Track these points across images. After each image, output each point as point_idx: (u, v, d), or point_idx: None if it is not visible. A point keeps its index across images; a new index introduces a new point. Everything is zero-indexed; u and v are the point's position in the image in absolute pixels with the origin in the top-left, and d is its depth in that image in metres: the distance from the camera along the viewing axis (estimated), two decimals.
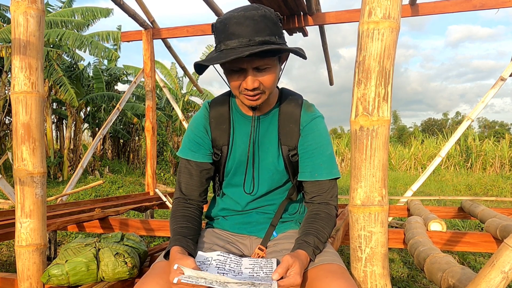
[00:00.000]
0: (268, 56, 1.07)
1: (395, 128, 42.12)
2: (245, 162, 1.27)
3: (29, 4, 1.40)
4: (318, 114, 1.26)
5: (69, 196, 5.39)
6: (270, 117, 1.26)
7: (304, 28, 4.14)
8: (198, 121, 1.29)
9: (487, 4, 3.55)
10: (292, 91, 1.31)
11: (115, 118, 4.70)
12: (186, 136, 1.30)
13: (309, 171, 1.23)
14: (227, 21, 1.05)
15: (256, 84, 1.09)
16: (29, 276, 1.44)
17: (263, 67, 1.08)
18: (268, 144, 1.26)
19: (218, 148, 1.28)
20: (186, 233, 1.17)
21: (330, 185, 1.22)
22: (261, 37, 1.04)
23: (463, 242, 2.19)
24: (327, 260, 1.09)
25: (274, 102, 1.26)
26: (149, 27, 4.40)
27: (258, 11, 1.05)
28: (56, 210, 3.01)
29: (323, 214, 1.19)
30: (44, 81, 1.49)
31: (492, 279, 0.85)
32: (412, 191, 3.99)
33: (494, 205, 6.39)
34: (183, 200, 1.27)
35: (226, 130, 1.27)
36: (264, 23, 1.05)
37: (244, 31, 1.03)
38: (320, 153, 1.22)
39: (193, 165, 1.27)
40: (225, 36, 1.06)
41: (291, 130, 1.24)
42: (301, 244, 1.11)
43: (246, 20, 1.04)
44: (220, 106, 1.28)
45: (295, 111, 1.25)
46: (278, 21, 1.09)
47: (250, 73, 1.08)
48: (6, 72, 9.73)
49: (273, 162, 1.26)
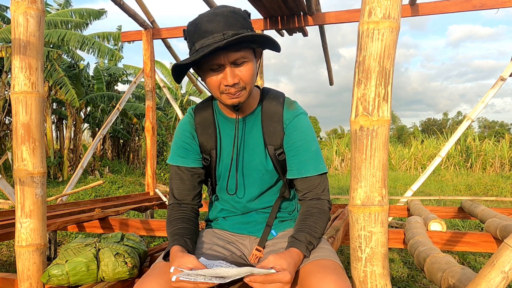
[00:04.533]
0: (244, 47, 1.08)
1: (395, 128, 42.14)
2: (230, 165, 1.27)
3: (29, 4, 1.40)
4: (301, 110, 1.26)
5: (69, 196, 5.39)
6: (253, 118, 1.26)
7: (304, 28, 4.14)
8: (184, 127, 1.29)
9: (487, 4, 3.55)
10: (273, 90, 1.30)
11: (115, 118, 4.70)
12: (174, 143, 1.30)
13: (296, 168, 1.23)
14: (199, 21, 1.08)
15: (236, 80, 1.09)
16: (29, 276, 1.44)
17: (241, 61, 1.09)
18: (254, 145, 1.26)
19: (207, 152, 1.28)
20: (184, 233, 1.17)
21: (320, 180, 1.23)
22: (234, 30, 1.06)
23: (463, 242, 2.19)
24: (321, 256, 1.10)
25: (256, 102, 1.26)
26: (149, 27, 4.40)
27: (227, 8, 1.08)
28: (56, 210, 3.01)
29: (315, 210, 1.20)
30: (44, 81, 1.49)
31: (492, 279, 0.85)
32: (412, 191, 3.98)
33: (494, 205, 6.38)
34: (177, 205, 1.27)
35: (212, 135, 1.27)
36: (235, 18, 1.07)
37: (216, 27, 1.05)
38: (306, 150, 1.22)
39: (183, 171, 1.26)
40: (198, 35, 1.07)
41: (275, 129, 1.24)
42: (293, 242, 1.11)
43: (217, 17, 1.06)
44: (204, 111, 1.28)
45: (277, 110, 1.24)
46: (247, 16, 1.12)
47: (228, 68, 1.09)
48: (6, 72, 9.73)
49: (261, 163, 1.26)
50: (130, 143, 15.19)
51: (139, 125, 14.08)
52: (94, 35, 10.78)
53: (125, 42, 4.63)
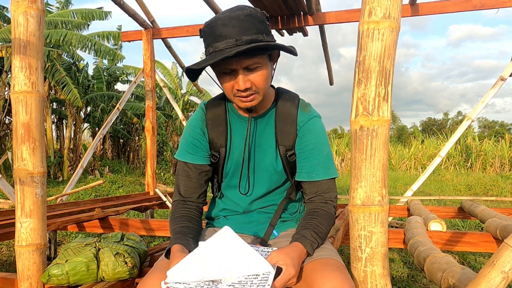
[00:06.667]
0: (257, 54, 1.07)
1: (395, 128, 42.14)
2: (241, 164, 1.27)
3: (29, 4, 1.40)
4: (315, 114, 1.26)
5: (69, 196, 5.39)
6: (267, 117, 1.26)
7: (304, 28, 4.13)
8: (195, 123, 1.29)
9: (487, 4, 3.55)
10: (288, 91, 1.30)
11: (115, 118, 4.70)
12: (183, 138, 1.30)
13: (307, 171, 1.22)
14: (214, 24, 1.06)
15: (248, 85, 1.09)
16: (29, 276, 1.44)
17: (254, 67, 1.08)
18: (266, 145, 1.26)
19: (216, 149, 1.28)
20: (186, 232, 1.17)
21: (328, 184, 1.22)
22: (248, 36, 1.04)
23: (463, 242, 2.19)
24: (325, 255, 1.10)
25: (270, 102, 1.26)
26: (149, 27, 4.40)
27: (243, 11, 1.06)
28: (56, 210, 3.01)
29: (321, 212, 1.19)
30: (44, 81, 1.49)
31: (492, 279, 0.85)
32: (412, 191, 3.98)
33: (494, 205, 6.38)
34: (182, 202, 1.27)
35: (223, 132, 1.26)
36: (250, 22, 1.05)
37: (230, 32, 1.04)
38: (317, 153, 1.22)
39: (191, 167, 1.26)
40: (213, 38, 1.06)
41: (288, 131, 1.24)
42: (298, 238, 1.11)
43: (232, 21, 1.04)
44: (216, 108, 1.28)
45: (291, 111, 1.24)
46: (264, 19, 1.10)
47: (240, 73, 1.08)
48: (6, 72, 9.73)
49: (271, 163, 1.26)
50: (130, 143, 15.18)
51: (139, 125, 14.08)
52: (94, 34, 10.75)
53: (124, 42, 4.63)
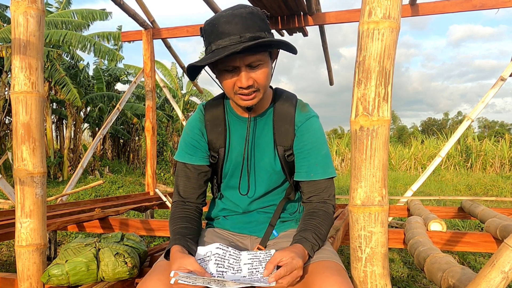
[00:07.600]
0: (261, 51, 1.08)
1: (395, 128, 42.13)
2: (241, 164, 1.27)
3: (29, 4, 1.40)
4: (313, 113, 1.26)
5: (69, 196, 5.39)
6: (265, 118, 1.26)
7: (304, 28, 4.13)
8: (194, 124, 1.29)
9: (487, 4, 3.55)
10: (286, 91, 1.31)
11: (115, 118, 4.70)
12: (182, 139, 1.30)
13: (305, 171, 1.23)
14: (216, 21, 1.07)
15: (251, 82, 1.09)
16: (29, 276, 1.44)
17: (256, 64, 1.09)
18: (264, 145, 1.27)
19: (215, 150, 1.28)
20: (186, 233, 1.17)
21: (327, 184, 1.22)
22: (251, 33, 1.05)
23: (463, 242, 2.19)
24: (325, 257, 1.10)
25: (269, 102, 1.26)
26: (149, 27, 4.40)
27: (245, 9, 1.07)
28: (56, 210, 3.01)
29: (321, 212, 1.19)
30: (44, 81, 1.49)
31: (492, 279, 0.85)
32: (412, 191, 3.98)
33: (494, 205, 6.38)
34: (181, 203, 1.27)
35: (222, 133, 1.27)
36: (253, 19, 1.06)
37: (234, 29, 1.04)
38: (316, 153, 1.22)
39: (190, 168, 1.27)
40: (216, 36, 1.06)
41: (286, 131, 1.24)
42: (299, 240, 1.11)
43: (235, 18, 1.05)
44: (215, 109, 1.28)
45: (289, 111, 1.24)
46: (265, 17, 1.11)
47: (243, 70, 1.08)
48: (6, 72, 9.73)
49: (270, 163, 1.27)
50: (130, 143, 15.19)
51: (139, 125, 14.08)
52: (94, 34, 10.76)
53: (125, 42, 4.63)
